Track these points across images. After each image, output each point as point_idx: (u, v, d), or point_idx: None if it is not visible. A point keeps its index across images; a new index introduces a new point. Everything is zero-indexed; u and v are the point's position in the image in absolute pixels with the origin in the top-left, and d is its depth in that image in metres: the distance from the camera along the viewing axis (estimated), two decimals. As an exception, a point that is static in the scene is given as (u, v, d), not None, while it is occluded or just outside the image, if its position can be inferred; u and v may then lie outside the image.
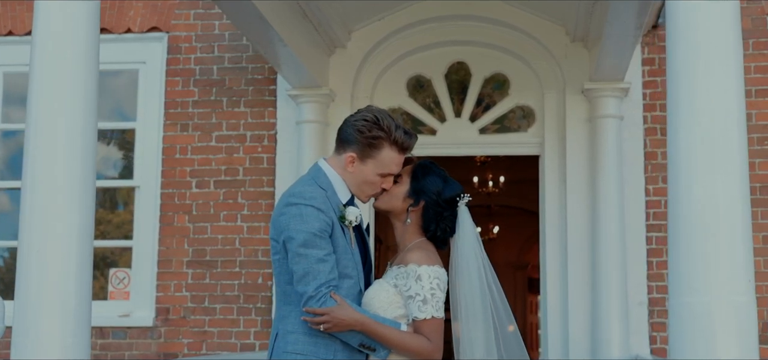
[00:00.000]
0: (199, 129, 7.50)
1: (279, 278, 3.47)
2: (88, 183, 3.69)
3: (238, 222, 7.40)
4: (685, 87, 3.19)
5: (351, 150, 3.50)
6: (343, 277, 3.40)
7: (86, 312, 3.59)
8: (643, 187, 7.05)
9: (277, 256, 3.46)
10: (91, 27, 3.78)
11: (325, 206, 3.39)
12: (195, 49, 7.60)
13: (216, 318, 7.34)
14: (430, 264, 3.46)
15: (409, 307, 3.42)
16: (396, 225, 3.69)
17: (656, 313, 6.93)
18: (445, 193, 3.63)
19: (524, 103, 7.44)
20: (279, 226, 3.40)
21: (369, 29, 7.30)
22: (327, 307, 3.30)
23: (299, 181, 3.55)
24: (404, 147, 3.54)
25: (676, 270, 3.15)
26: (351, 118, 3.54)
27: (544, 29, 7.18)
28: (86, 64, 3.77)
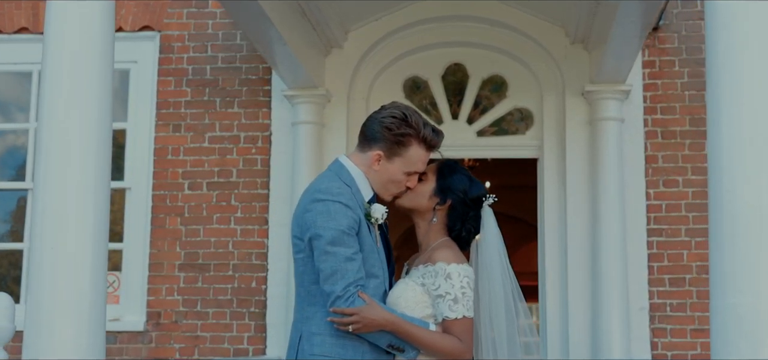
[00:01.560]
0: (192, 130, 7.45)
1: (302, 278, 3.42)
2: (103, 179, 3.63)
3: (232, 225, 7.34)
4: (726, 84, 3.16)
5: (377, 148, 3.46)
6: (369, 276, 3.38)
7: (101, 312, 3.56)
8: (644, 191, 7.07)
9: (300, 255, 3.42)
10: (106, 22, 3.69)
11: (352, 203, 3.35)
12: (188, 49, 7.57)
13: (208, 322, 7.29)
14: (459, 262, 3.44)
15: (439, 306, 3.39)
16: (419, 224, 3.67)
17: (657, 318, 6.94)
18: (472, 192, 3.62)
19: (522, 105, 7.44)
20: (304, 223, 3.35)
21: (366, 29, 7.27)
22: (356, 306, 3.23)
23: (322, 177, 3.51)
24: (432, 145, 3.51)
25: (718, 271, 3.13)
26: (378, 115, 3.50)
27: (544, 31, 7.18)
28: (101, 59, 3.72)
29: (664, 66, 7.16)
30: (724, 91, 3.19)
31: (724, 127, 3.17)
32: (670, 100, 7.14)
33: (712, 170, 3.22)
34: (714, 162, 3.21)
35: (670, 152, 7.09)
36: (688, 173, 7.05)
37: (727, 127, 3.16)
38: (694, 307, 6.95)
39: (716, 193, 3.17)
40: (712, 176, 3.22)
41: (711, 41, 3.28)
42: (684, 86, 7.14)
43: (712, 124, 3.23)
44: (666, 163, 7.08)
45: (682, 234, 7.02)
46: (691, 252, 6.99)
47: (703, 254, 6.97)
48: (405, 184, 3.53)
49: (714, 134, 3.22)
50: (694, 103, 7.10)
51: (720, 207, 3.14)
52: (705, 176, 6.85)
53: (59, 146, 3.61)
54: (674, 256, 7.01)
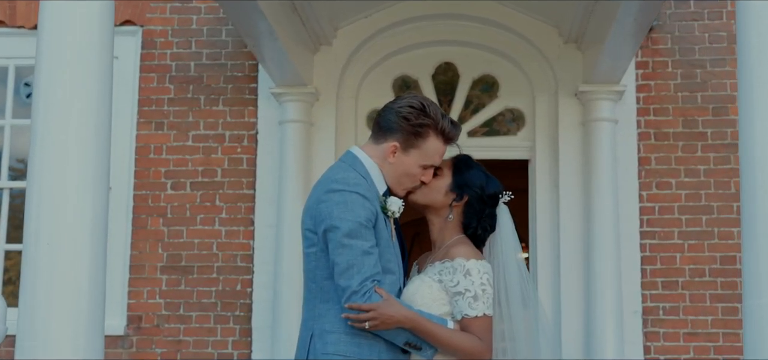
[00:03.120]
0: (175, 128, 7.32)
1: (315, 273, 3.31)
2: (102, 175, 3.51)
3: (216, 226, 7.21)
4: (759, 78, 3.09)
5: (394, 139, 3.36)
6: (385, 272, 3.30)
7: (100, 312, 3.43)
8: (637, 193, 7.03)
9: (312, 249, 3.30)
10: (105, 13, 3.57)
11: (370, 194, 3.24)
12: (171, 44, 7.44)
13: (191, 326, 7.16)
14: (478, 258, 3.32)
15: (458, 304, 3.30)
16: (433, 221, 3.58)
17: (650, 322, 6.91)
18: (489, 188, 3.54)
19: (514, 105, 7.39)
20: (319, 215, 3.24)
21: (355, 26, 7.19)
22: (373, 302, 3.10)
23: (336, 167, 3.41)
24: (450, 137, 3.42)
25: (752, 271, 3.05)
26: (394, 105, 3.40)
27: (537, 30, 7.13)
28: (99, 49, 3.58)
29: (658, 67, 7.13)
30: (757, 89, 3.13)
31: (758, 126, 3.10)
32: (663, 101, 7.11)
33: (744, 169, 3.16)
34: (746, 159, 3.14)
35: (663, 154, 7.06)
36: (681, 175, 7.03)
37: (761, 126, 3.09)
38: (687, 310, 6.92)
39: (749, 192, 3.11)
40: (744, 175, 3.16)
41: (743, 40, 3.22)
42: (677, 87, 7.12)
43: (745, 123, 3.17)
44: (659, 165, 7.06)
45: (675, 236, 6.99)
46: (684, 255, 6.97)
47: (696, 257, 6.96)
48: (420, 179, 3.45)
49: (746, 132, 3.15)
50: (688, 105, 7.08)
51: (753, 206, 3.09)
52: (698, 178, 6.88)
53: (56, 141, 3.50)
54: (667, 259, 6.99)
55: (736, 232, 6.93)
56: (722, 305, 6.90)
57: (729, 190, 6.99)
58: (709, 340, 6.88)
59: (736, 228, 6.93)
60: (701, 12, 7.18)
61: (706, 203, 7.00)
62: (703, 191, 7.01)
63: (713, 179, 7.01)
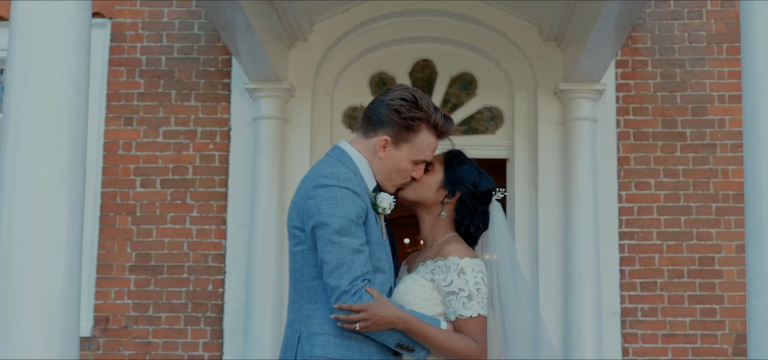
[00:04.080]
0: (145, 123, 7.17)
1: (302, 273, 3.21)
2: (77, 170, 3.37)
3: (187, 224, 7.07)
4: (764, 79, 3.03)
5: (384, 132, 3.25)
6: (375, 270, 3.20)
7: (75, 312, 3.29)
8: (616, 193, 6.99)
9: (300, 246, 3.20)
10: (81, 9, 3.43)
11: (360, 189, 3.13)
12: (141, 38, 7.29)
13: (161, 328, 7.02)
14: (471, 257, 3.22)
15: (452, 303, 3.20)
16: (424, 218, 3.49)
17: (628, 323, 6.87)
18: (482, 185, 3.45)
19: (492, 104, 7.32)
20: (306, 211, 3.13)
21: (332, 22, 7.09)
22: (363, 302, 3.00)
23: (323, 162, 3.29)
24: (443, 131, 3.33)
25: (756, 271, 2.99)
26: (385, 97, 3.30)
27: (516, 27, 7.08)
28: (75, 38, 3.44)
29: (637, 66, 7.10)
30: (762, 86, 3.05)
31: (763, 125, 3.03)
32: (643, 100, 7.08)
33: (748, 168, 3.10)
34: (750, 157, 3.08)
35: (643, 154, 7.03)
36: (660, 175, 7.00)
37: (766, 126, 3.02)
38: (665, 311, 6.90)
39: (753, 190, 3.06)
40: (749, 174, 3.09)
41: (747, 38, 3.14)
42: (657, 87, 7.10)
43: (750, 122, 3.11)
44: (638, 164, 7.03)
45: (654, 237, 6.97)
46: (662, 256, 6.94)
47: (675, 258, 6.94)
48: (411, 174, 3.34)
49: (750, 129, 3.09)
50: (667, 104, 7.06)
51: (758, 206, 3.03)
52: (677, 179, 6.85)
53: (30, 136, 3.38)
54: (646, 259, 6.96)
55: (714, 233, 6.92)
56: (700, 307, 6.88)
57: (708, 191, 6.97)
58: (687, 341, 6.86)
59: (715, 228, 6.93)
60: (681, 11, 7.16)
61: (685, 204, 6.97)
62: (681, 192, 6.99)
63: (692, 179, 6.99)
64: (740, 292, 6.86)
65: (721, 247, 6.92)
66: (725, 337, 6.83)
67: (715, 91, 7.06)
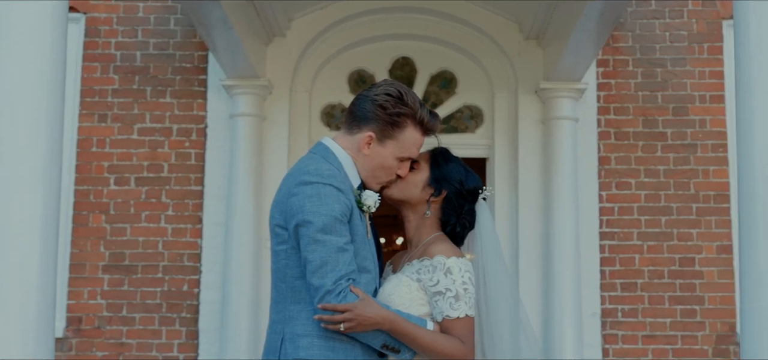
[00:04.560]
0: (120, 120, 7.08)
1: (284, 272, 3.13)
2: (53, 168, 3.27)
3: (162, 223, 6.99)
4: (758, 79, 3.00)
5: (369, 128, 3.19)
6: (360, 270, 3.12)
7: (50, 312, 3.20)
8: (597, 193, 6.98)
9: (283, 246, 3.12)
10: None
11: (344, 186, 3.06)
12: (116, 33, 7.21)
13: (135, 328, 6.93)
14: (458, 256, 3.18)
15: (438, 304, 3.14)
16: (410, 218, 3.42)
17: (609, 324, 6.87)
18: (468, 183, 3.40)
19: (472, 102, 7.29)
20: (289, 209, 3.06)
21: (310, 18, 7.03)
22: (348, 302, 2.94)
23: (307, 158, 3.22)
24: (429, 128, 3.27)
25: (750, 273, 2.96)
26: (370, 93, 3.24)
27: (497, 25, 7.05)
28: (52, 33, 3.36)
29: (618, 65, 7.09)
30: (755, 86, 3.02)
31: (757, 126, 3.00)
32: (624, 100, 7.08)
33: (742, 168, 3.06)
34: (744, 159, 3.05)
35: (623, 154, 7.03)
36: (641, 175, 7.00)
37: (760, 126, 2.99)
38: (645, 312, 6.89)
39: (747, 193, 3.01)
40: (742, 174, 3.05)
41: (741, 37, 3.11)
42: (637, 86, 7.09)
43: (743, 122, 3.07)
44: (619, 164, 7.02)
45: (635, 237, 6.97)
46: (643, 256, 6.94)
47: (655, 258, 6.93)
48: (396, 172, 3.28)
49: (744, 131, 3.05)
50: (648, 104, 7.05)
51: (751, 206, 2.98)
52: (658, 179, 6.85)
53: (4, 133, 3.27)
54: (626, 260, 6.95)
55: (695, 234, 6.93)
56: (681, 307, 6.88)
57: (688, 191, 6.97)
58: (667, 342, 6.85)
59: (696, 229, 6.93)
60: (662, 10, 7.15)
61: (666, 204, 6.97)
62: (662, 192, 6.99)
63: (673, 180, 6.99)
64: (721, 293, 6.87)
65: (702, 248, 6.92)
66: (705, 337, 6.83)
67: (696, 91, 7.06)
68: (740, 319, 3.07)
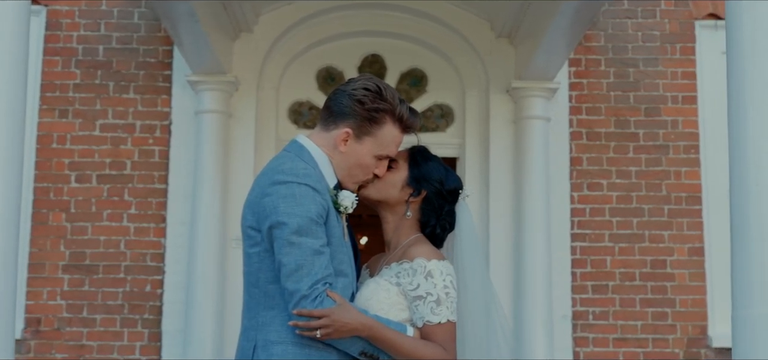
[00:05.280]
0: (81, 116, 6.98)
1: (257, 277, 3.02)
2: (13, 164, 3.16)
3: (124, 222, 6.90)
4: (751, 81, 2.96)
5: (346, 125, 3.09)
6: (337, 274, 3.01)
7: (9, 313, 3.09)
8: (568, 194, 6.96)
9: (255, 248, 3.01)
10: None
11: (320, 186, 2.98)
12: (78, 26, 7.10)
13: (96, 330, 6.83)
14: (439, 259, 3.10)
15: (419, 309, 3.05)
16: (388, 218, 3.31)
17: (579, 327, 6.84)
18: (448, 183, 3.33)
19: (443, 101, 7.26)
20: (262, 209, 2.95)
21: (278, 13, 6.96)
22: (325, 307, 2.85)
23: (281, 157, 3.11)
24: (408, 125, 3.18)
25: (742, 280, 2.91)
26: (348, 87, 3.14)
27: (468, 23, 7.02)
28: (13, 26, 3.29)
29: (590, 65, 7.08)
30: (748, 86, 2.98)
31: (749, 128, 2.96)
32: (596, 100, 7.07)
33: (734, 171, 3.01)
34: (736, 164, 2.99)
35: (595, 154, 7.02)
36: (612, 176, 6.99)
37: (753, 128, 2.95)
38: (616, 315, 6.88)
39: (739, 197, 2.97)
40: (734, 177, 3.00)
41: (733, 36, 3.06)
42: (610, 86, 7.09)
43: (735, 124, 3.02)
44: (591, 165, 7.01)
45: (606, 239, 6.96)
46: (614, 258, 6.93)
47: (627, 260, 6.93)
48: (373, 171, 3.17)
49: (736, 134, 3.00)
50: (620, 104, 7.05)
51: (743, 211, 2.93)
52: (629, 180, 6.85)
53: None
54: (597, 262, 6.94)
55: (666, 236, 6.93)
56: (652, 310, 6.88)
57: (660, 193, 6.98)
58: (638, 345, 6.85)
59: (667, 231, 6.93)
60: (635, 10, 7.16)
61: (638, 205, 6.97)
62: (634, 193, 6.99)
63: (645, 181, 6.99)
64: (692, 296, 6.88)
65: (674, 250, 6.92)
66: (677, 341, 6.83)
67: (669, 92, 7.07)
68: (732, 326, 3.00)
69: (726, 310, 6.85)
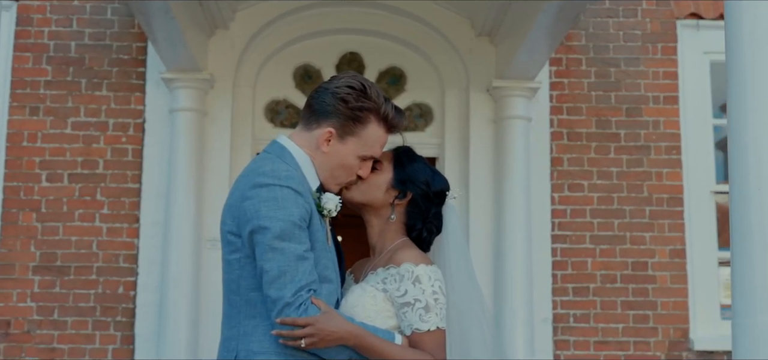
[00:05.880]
0: (52, 113, 6.89)
1: (238, 284, 2.94)
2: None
3: (97, 222, 6.81)
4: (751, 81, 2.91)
5: (329, 124, 3.02)
6: (321, 280, 2.92)
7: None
8: (549, 194, 6.94)
9: (236, 255, 2.93)
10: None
11: (303, 189, 2.90)
12: (49, 22, 7.01)
13: (67, 333, 6.74)
14: (427, 264, 3.03)
15: (407, 316, 2.97)
16: (373, 222, 3.23)
17: (560, 330, 6.83)
18: (435, 184, 3.25)
19: (422, 100, 7.21)
20: (243, 213, 2.87)
21: (255, 10, 6.88)
22: (309, 315, 2.78)
23: (261, 158, 3.02)
24: (393, 124, 3.12)
25: (744, 287, 2.86)
26: (331, 85, 3.06)
27: (448, 21, 6.97)
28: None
29: (571, 64, 7.06)
30: (749, 88, 2.93)
31: (750, 130, 2.91)
32: (577, 100, 7.04)
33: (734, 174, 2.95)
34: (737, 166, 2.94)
35: (576, 155, 6.99)
36: (593, 177, 6.97)
37: (754, 131, 2.91)
38: (597, 318, 6.86)
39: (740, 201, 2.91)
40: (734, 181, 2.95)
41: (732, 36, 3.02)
42: (591, 86, 7.07)
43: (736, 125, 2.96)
44: (571, 166, 6.99)
45: (587, 241, 6.94)
46: (595, 260, 6.91)
47: (608, 263, 6.91)
48: (356, 172, 3.10)
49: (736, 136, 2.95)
50: (601, 104, 7.03)
51: (745, 215, 2.88)
52: (611, 181, 6.83)
53: None
54: (578, 264, 6.91)
55: (648, 238, 6.92)
56: (633, 313, 6.86)
57: (641, 194, 6.96)
58: (619, 348, 6.83)
59: (649, 233, 6.92)
60: (616, 9, 7.15)
61: (619, 207, 6.95)
62: (615, 194, 6.97)
63: (626, 182, 6.98)
64: (674, 298, 6.87)
65: (655, 252, 6.91)
66: (658, 344, 6.82)
67: (650, 92, 7.06)
68: (733, 335, 2.93)
69: (708, 313, 6.88)
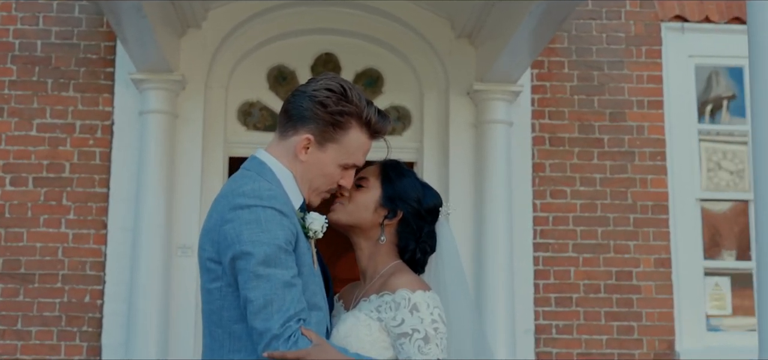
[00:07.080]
0: (17, 115, 6.81)
1: (220, 315, 2.77)
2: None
3: (62, 228, 6.72)
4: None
5: (307, 130, 2.84)
6: (310, 307, 2.75)
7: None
8: (531, 201, 6.88)
9: (216, 283, 2.75)
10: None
11: (287, 209, 2.73)
12: (14, 20, 6.92)
13: (31, 343, 6.64)
14: (424, 290, 2.85)
15: (404, 347, 2.79)
16: (361, 245, 3.06)
17: (543, 341, 6.77)
18: (427, 200, 3.08)
19: (399, 103, 7.16)
20: (223, 238, 2.70)
21: (228, 9, 6.82)
22: (300, 349, 2.61)
23: (240, 177, 2.84)
24: (377, 130, 2.94)
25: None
26: (308, 88, 2.88)
27: (427, 22, 6.92)
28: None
29: (554, 67, 7.02)
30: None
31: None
32: (559, 104, 7.01)
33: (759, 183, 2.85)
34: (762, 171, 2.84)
35: (558, 160, 6.95)
36: (576, 183, 6.92)
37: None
38: (581, 329, 6.81)
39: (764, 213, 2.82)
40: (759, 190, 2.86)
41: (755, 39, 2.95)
42: (573, 90, 7.03)
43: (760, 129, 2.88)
44: (554, 172, 6.94)
45: (570, 249, 6.89)
46: (578, 269, 6.86)
47: (591, 272, 6.86)
48: (337, 181, 2.93)
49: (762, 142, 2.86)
50: (584, 109, 6.99)
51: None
52: (594, 187, 6.79)
53: None
54: (561, 273, 6.87)
55: (632, 246, 6.88)
56: (617, 324, 6.81)
57: (625, 201, 6.93)
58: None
59: (633, 241, 6.88)
60: (599, 10, 7.11)
61: (602, 214, 6.91)
62: (598, 201, 6.93)
63: (609, 189, 6.94)
64: (658, 309, 6.83)
65: (640, 261, 6.87)
66: (643, 356, 6.77)
67: (634, 96, 7.03)
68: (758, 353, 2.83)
69: (694, 324, 6.85)
